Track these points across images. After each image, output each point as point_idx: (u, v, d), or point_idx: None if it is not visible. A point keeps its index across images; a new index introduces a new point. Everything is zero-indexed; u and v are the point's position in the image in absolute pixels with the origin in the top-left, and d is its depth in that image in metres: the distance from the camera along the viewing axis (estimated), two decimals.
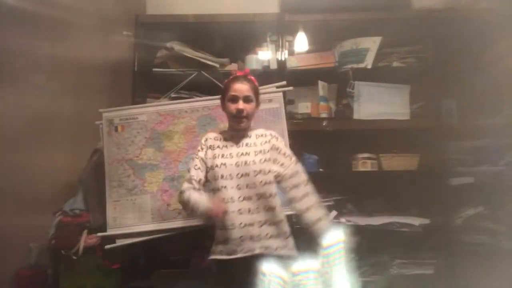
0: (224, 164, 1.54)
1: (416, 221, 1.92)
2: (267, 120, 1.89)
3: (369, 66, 2.08)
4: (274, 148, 1.61)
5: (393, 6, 2.10)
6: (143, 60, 2.11)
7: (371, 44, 2.10)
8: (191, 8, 2.23)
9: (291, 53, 2.15)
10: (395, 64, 2.11)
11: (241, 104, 1.56)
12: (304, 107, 2.14)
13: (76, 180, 1.96)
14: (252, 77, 1.65)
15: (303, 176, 1.58)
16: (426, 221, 1.94)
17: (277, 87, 1.95)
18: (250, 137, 1.63)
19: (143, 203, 1.84)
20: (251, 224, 1.48)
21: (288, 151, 1.63)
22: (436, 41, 2.06)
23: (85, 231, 1.83)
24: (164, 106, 1.96)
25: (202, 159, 1.60)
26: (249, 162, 1.54)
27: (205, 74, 2.09)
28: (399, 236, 1.89)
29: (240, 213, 1.48)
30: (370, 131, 2.05)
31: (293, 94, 2.10)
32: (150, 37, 2.13)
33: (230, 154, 1.57)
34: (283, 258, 1.36)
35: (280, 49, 2.08)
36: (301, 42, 2.14)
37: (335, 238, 1.10)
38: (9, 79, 1.77)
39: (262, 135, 1.64)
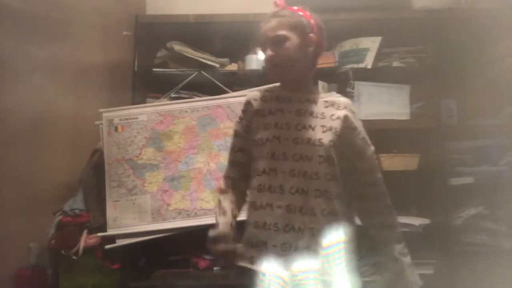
0: (278, 138, 1.12)
1: (416, 221, 1.92)
2: None
3: (369, 66, 2.07)
4: (350, 128, 1.15)
5: (393, 6, 2.10)
6: (143, 60, 2.11)
7: (371, 44, 2.10)
8: (191, 8, 2.22)
9: None
10: (395, 64, 2.10)
11: (269, 50, 1.14)
12: None
13: (76, 180, 1.96)
14: (291, 8, 1.19)
15: (380, 178, 1.19)
16: (426, 221, 1.93)
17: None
18: (316, 103, 1.16)
19: (143, 203, 1.84)
20: (300, 230, 1.08)
21: (365, 134, 1.21)
22: (436, 41, 2.06)
23: (85, 231, 1.83)
24: (164, 106, 1.96)
25: (240, 135, 1.21)
26: (314, 140, 1.10)
27: (205, 74, 2.08)
28: None
29: (288, 211, 1.08)
30: (370, 131, 2.04)
31: None
32: (150, 37, 2.12)
33: (287, 124, 1.13)
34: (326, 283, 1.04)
35: None
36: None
37: (335, 238, 1.10)
38: (9, 79, 1.77)
39: (333, 104, 1.17)
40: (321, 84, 2.14)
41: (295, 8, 1.19)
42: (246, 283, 1.11)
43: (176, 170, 1.87)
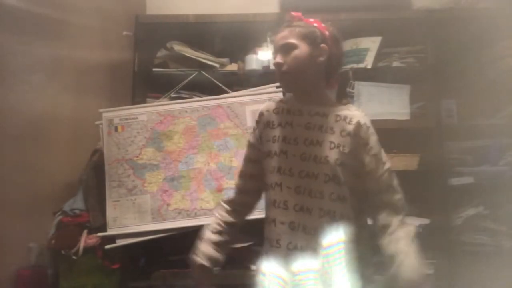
0: (285, 153, 1.10)
1: (416, 221, 1.92)
2: None
3: (369, 66, 2.08)
4: (360, 144, 1.10)
5: (393, 6, 2.10)
6: (143, 60, 2.11)
7: (371, 44, 2.10)
8: (191, 8, 2.22)
9: None
10: (395, 64, 2.11)
11: (278, 57, 1.11)
12: None
13: (76, 180, 1.96)
14: (308, 20, 1.20)
15: (399, 200, 1.11)
16: (426, 221, 1.93)
17: (277, 87, 1.95)
18: (327, 117, 1.12)
19: (143, 203, 1.84)
20: (303, 249, 1.05)
21: (380, 151, 1.14)
22: (436, 41, 2.06)
23: (85, 231, 1.83)
24: (164, 106, 1.96)
25: (254, 146, 1.20)
26: (320, 157, 1.07)
27: (205, 74, 2.08)
28: None
29: (292, 228, 1.06)
30: None
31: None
32: (150, 37, 2.12)
33: (295, 139, 1.11)
34: None
35: None
36: None
37: (335, 238, 1.09)
38: (9, 79, 1.77)
39: (345, 119, 1.12)
40: None
41: (311, 20, 1.19)
42: (247, 284, 1.15)
43: (176, 170, 1.87)
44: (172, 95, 2.10)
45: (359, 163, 1.10)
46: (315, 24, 1.17)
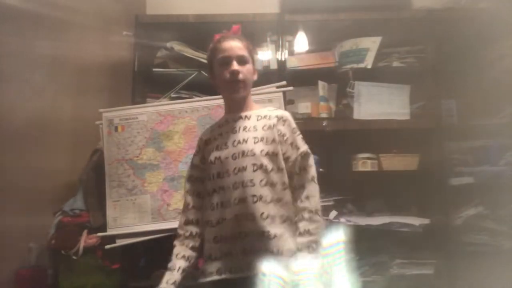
0: (219, 158, 1.24)
1: (416, 221, 1.92)
2: None
3: (369, 66, 2.08)
4: (279, 135, 1.27)
5: (393, 6, 2.10)
6: (143, 60, 2.11)
7: (371, 44, 2.10)
8: (191, 8, 2.23)
9: (291, 53, 2.15)
10: (395, 64, 2.11)
11: (235, 65, 1.26)
12: (304, 107, 2.14)
13: (76, 180, 1.96)
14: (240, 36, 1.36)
15: (309, 176, 1.24)
16: (426, 221, 1.93)
17: (277, 87, 1.95)
18: (249, 118, 1.31)
19: (143, 203, 1.84)
20: (248, 235, 1.18)
21: (295, 138, 1.29)
22: (436, 41, 2.06)
23: (85, 231, 1.83)
24: (164, 106, 1.96)
25: (198, 167, 1.33)
26: (246, 151, 1.22)
27: (205, 74, 2.08)
28: (399, 236, 1.89)
29: (237, 220, 1.19)
30: (370, 131, 2.05)
31: (293, 94, 2.10)
32: (150, 37, 2.12)
33: (226, 144, 1.26)
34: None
35: (280, 49, 2.08)
36: (301, 42, 2.14)
37: (335, 238, 1.10)
38: (9, 79, 1.77)
39: (265, 117, 1.31)
40: (321, 84, 2.15)
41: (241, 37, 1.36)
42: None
43: (176, 170, 1.87)
44: (172, 95, 2.10)
45: (280, 151, 1.25)
46: (248, 41, 1.34)
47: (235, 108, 1.35)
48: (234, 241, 1.19)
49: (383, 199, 2.15)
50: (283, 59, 2.07)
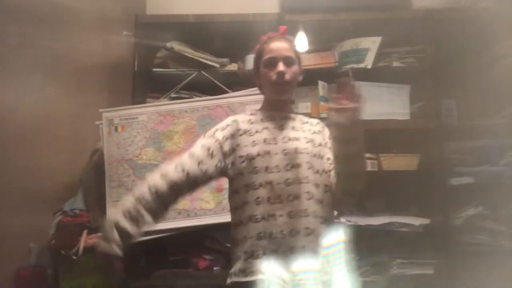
0: (268, 153, 1.20)
1: (416, 221, 1.92)
2: None
3: (369, 66, 2.07)
4: (323, 143, 1.27)
5: (393, 6, 2.10)
6: (143, 60, 2.11)
7: (371, 44, 2.10)
8: (191, 8, 2.22)
9: None
10: (395, 64, 2.11)
11: (281, 66, 1.25)
12: (304, 107, 2.14)
13: (76, 180, 1.96)
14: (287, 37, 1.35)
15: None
16: (426, 221, 1.93)
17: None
18: (294, 120, 1.31)
19: None
20: (300, 232, 1.15)
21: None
22: (436, 41, 2.06)
23: (85, 231, 1.83)
24: (164, 106, 1.96)
25: (219, 142, 1.25)
26: (300, 149, 1.21)
27: (205, 74, 2.08)
28: (399, 236, 1.89)
29: (290, 217, 1.15)
30: (370, 131, 2.05)
31: (293, 94, 2.10)
32: (150, 37, 2.12)
33: (274, 139, 1.23)
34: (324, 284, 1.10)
35: None
36: (301, 42, 2.14)
37: (335, 238, 1.10)
38: (9, 79, 1.77)
39: (307, 122, 1.33)
40: (321, 84, 2.14)
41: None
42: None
43: None
44: (172, 95, 2.10)
45: (325, 155, 1.25)
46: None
47: (278, 107, 1.33)
48: (283, 239, 1.14)
49: (383, 199, 2.15)
50: None
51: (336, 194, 1.24)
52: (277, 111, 1.32)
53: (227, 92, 2.06)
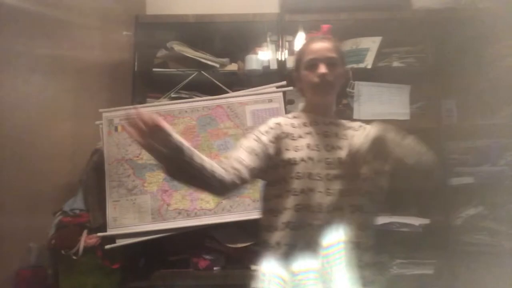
0: (311, 159, 1.15)
1: (416, 221, 1.92)
2: (267, 120, 1.89)
3: (369, 66, 2.07)
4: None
5: (393, 6, 2.10)
6: (143, 60, 2.11)
7: (371, 44, 2.10)
8: (191, 8, 2.23)
9: (291, 53, 2.15)
10: (395, 64, 2.11)
11: (323, 68, 1.19)
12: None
13: (76, 180, 1.96)
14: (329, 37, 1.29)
15: None
16: (426, 221, 1.93)
17: (277, 87, 1.95)
18: (338, 126, 1.26)
19: (143, 203, 1.84)
20: (347, 243, 1.11)
21: None
22: (436, 41, 2.06)
23: (85, 231, 1.83)
24: (164, 106, 1.96)
25: (265, 145, 1.18)
26: (344, 159, 1.16)
27: (205, 74, 2.08)
28: (399, 236, 1.89)
29: (329, 228, 1.11)
30: None
31: (293, 94, 2.10)
32: (150, 37, 2.13)
33: (317, 146, 1.18)
34: None
35: (280, 49, 2.08)
36: (301, 42, 2.14)
37: (335, 238, 1.10)
38: (9, 79, 1.77)
39: (350, 128, 1.28)
40: None
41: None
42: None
43: None
44: (172, 95, 2.10)
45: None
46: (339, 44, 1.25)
47: (321, 111, 1.27)
48: (317, 250, 1.09)
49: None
50: (283, 59, 2.07)
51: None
52: (320, 115, 1.26)
53: (227, 92, 2.06)
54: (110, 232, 1.81)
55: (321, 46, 1.22)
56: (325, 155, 1.17)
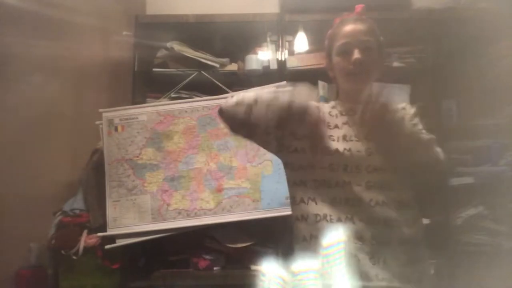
0: (349, 150, 1.06)
1: None
2: None
3: None
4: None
5: (393, 6, 2.10)
6: (143, 60, 2.11)
7: None
8: (191, 8, 2.23)
9: (291, 53, 2.15)
10: (395, 64, 2.11)
11: (357, 53, 1.07)
12: None
13: (76, 180, 1.96)
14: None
15: None
16: (426, 221, 1.93)
17: (277, 87, 1.95)
18: None
19: (143, 203, 1.84)
20: (387, 243, 1.02)
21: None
22: (436, 41, 2.06)
23: (85, 231, 1.83)
24: (164, 106, 1.96)
25: None
26: None
27: (205, 74, 2.09)
28: None
29: (369, 223, 1.03)
30: None
31: None
32: (150, 37, 2.12)
33: (356, 136, 1.09)
34: None
35: (280, 49, 2.08)
36: (301, 42, 2.14)
37: (335, 238, 1.09)
38: (9, 79, 1.77)
39: None
40: (321, 84, 2.14)
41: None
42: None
43: (176, 170, 1.87)
44: (172, 95, 2.10)
45: None
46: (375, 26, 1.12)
47: (358, 99, 1.09)
48: (362, 246, 1.03)
49: None
50: (283, 59, 2.07)
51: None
52: (357, 103, 1.07)
53: (227, 92, 2.06)
54: (110, 232, 1.81)
55: (355, 28, 1.11)
56: (364, 146, 1.06)
